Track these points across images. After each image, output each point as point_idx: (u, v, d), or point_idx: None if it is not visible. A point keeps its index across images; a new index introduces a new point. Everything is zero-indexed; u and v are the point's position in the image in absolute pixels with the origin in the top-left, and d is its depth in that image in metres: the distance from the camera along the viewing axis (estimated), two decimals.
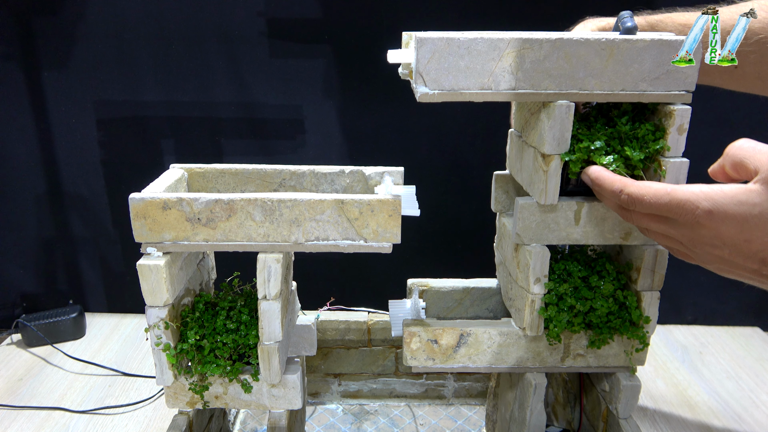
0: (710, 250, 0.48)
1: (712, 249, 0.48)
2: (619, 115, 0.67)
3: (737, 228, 0.46)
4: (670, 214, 0.50)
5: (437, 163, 1.16)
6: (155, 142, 1.15)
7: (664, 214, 0.50)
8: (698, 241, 0.49)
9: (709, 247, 0.48)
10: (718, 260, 0.49)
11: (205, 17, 1.07)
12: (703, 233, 0.48)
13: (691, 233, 0.49)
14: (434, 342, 0.74)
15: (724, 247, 0.47)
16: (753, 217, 0.45)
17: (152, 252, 0.68)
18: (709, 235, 0.47)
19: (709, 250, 0.48)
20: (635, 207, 0.52)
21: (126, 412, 0.99)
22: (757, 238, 0.45)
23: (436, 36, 0.60)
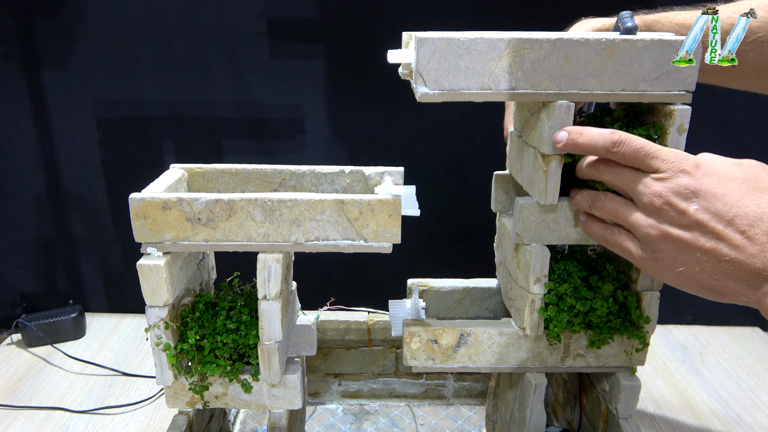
0: (678, 205, 0.46)
1: (683, 202, 0.46)
2: (612, 122, 0.67)
3: (720, 182, 0.46)
4: (658, 157, 0.49)
5: (437, 163, 1.16)
6: (155, 142, 1.15)
7: (650, 161, 0.49)
8: (671, 191, 0.47)
9: (680, 200, 0.46)
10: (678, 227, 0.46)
11: (205, 17, 1.07)
12: (681, 182, 0.47)
13: (665, 184, 0.47)
14: (434, 342, 0.74)
15: (697, 200, 0.46)
16: (737, 178, 0.46)
17: (152, 252, 0.68)
18: (687, 185, 0.46)
19: (677, 205, 0.46)
20: (622, 147, 0.51)
21: (126, 412, 0.99)
22: (735, 194, 0.45)
23: (436, 36, 0.60)
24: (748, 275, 0.44)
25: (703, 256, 0.45)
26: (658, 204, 0.48)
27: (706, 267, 0.45)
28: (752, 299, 0.44)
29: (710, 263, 0.45)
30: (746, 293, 0.44)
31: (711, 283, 0.46)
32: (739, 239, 0.44)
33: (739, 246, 0.44)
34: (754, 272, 0.43)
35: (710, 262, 0.45)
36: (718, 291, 0.46)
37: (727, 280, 0.45)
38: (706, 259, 0.45)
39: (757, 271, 0.43)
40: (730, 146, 1.13)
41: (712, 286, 0.46)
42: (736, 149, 1.13)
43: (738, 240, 0.44)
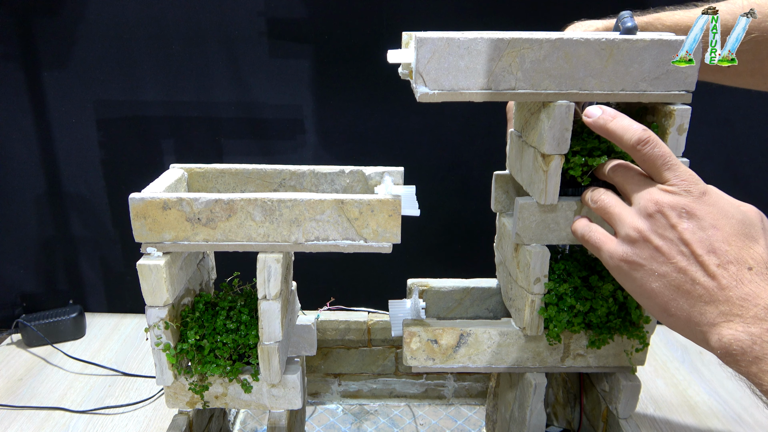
0: (671, 218, 0.46)
1: (676, 218, 0.46)
2: None
3: (717, 215, 0.46)
4: (674, 171, 0.49)
5: (437, 163, 1.16)
6: (155, 142, 1.15)
7: (665, 172, 0.49)
8: (670, 204, 0.47)
9: (674, 215, 0.46)
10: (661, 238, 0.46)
11: (205, 17, 1.07)
12: (683, 200, 0.47)
13: (667, 196, 0.47)
14: (434, 342, 0.74)
15: (690, 221, 0.46)
16: (733, 218, 0.46)
17: (152, 252, 0.68)
18: (686, 205, 0.47)
19: (670, 218, 0.46)
20: (647, 147, 0.51)
21: (126, 412, 0.99)
22: (726, 231, 0.45)
23: (436, 36, 0.60)
24: (707, 306, 0.43)
25: (673, 272, 0.45)
26: (651, 210, 0.48)
27: (671, 284, 0.45)
28: (699, 331, 0.44)
29: (675, 282, 0.45)
30: (698, 322, 0.44)
31: (667, 303, 0.45)
32: (713, 269, 0.44)
33: (711, 275, 0.44)
34: (714, 303, 0.43)
35: (676, 282, 0.45)
36: (670, 313, 0.45)
37: (685, 304, 0.44)
38: (674, 277, 0.45)
39: (717, 305, 0.43)
40: (730, 146, 1.13)
41: (667, 306, 0.45)
42: (736, 149, 1.14)
43: (712, 270, 0.44)
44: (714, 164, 1.14)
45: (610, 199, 0.53)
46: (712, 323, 0.43)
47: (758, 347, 0.40)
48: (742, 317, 0.41)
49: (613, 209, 0.51)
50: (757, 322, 0.41)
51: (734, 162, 1.14)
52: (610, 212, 0.52)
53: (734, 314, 0.42)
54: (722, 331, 0.42)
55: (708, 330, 0.43)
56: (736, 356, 0.41)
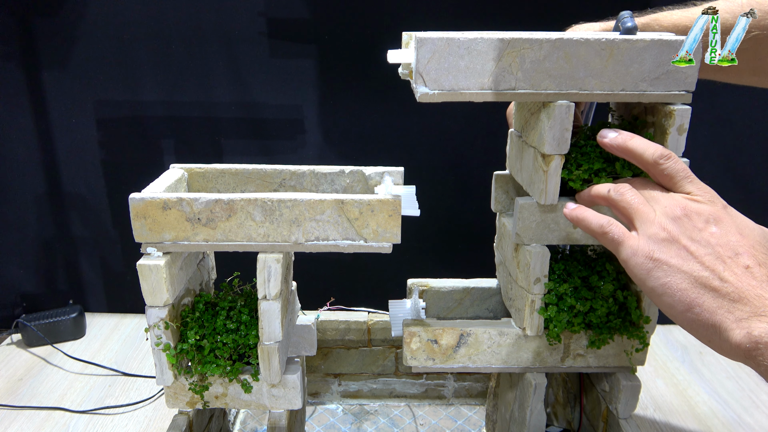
0: (697, 221, 0.47)
1: (702, 222, 0.47)
2: None
3: (740, 226, 0.48)
4: (696, 184, 0.51)
5: (437, 163, 1.16)
6: (155, 142, 1.15)
7: (687, 184, 0.51)
8: (696, 210, 0.48)
9: (700, 219, 0.48)
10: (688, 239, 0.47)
11: (205, 17, 1.07)
12: (707, 208, 0.48)
13: (692, 204, 0.49)
14: (434, 342, 0.74)
15: (717, 226, 0.47)
16: (755, 230, 0.48)
17: (152, 252, 0.68)
18: (712, 212, 0.48)
19: (696, 221, 0.47)
20: (670, 162, 0.52)
21: (126, 412, 0.99)
22: (750, 240, 0.47)
23: (436, 36, 0.60)
24: (736, 303, 0.44)
25: (701, 270, 0.46)
26: (678, 213, 0.49)
27: (698, 282, 0.46)
28: (723, 329, 0.44)
29: (703, 280, 0.45)
30: (723, 319, 0.44)
31: (692, 300, 0.46)
32: (740, 270, 0.45)
33: (739, 274, 0.45)
34: (742, 301, 0.44)
35: (703, 280, 0.45)
36: (694, 311, 0.46)
37: (711, 302, 0.45)
38: (701, 275, 0.46)
39: (746, 302, 0.44)
40: (730, 146, 1.13)
41: (691, 304, 0.46)
42: (736, 149, 1.14)
43: (740, 270, 0.45)
44: (714, 164, 1.14)
45: (636, 195, 0.53)
46: (739, 319, 0.43)
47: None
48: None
49: (639, 206, 0.52)
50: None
51: (734, 162, 1.14)
52: (636, 209, 0.52)
53: (766, 310, 0.42)
54: (752, 325, 0.42)
55: (734, 326, 0.43)
56: (764, 350, 0.41)
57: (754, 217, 1.13)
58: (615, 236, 0.52)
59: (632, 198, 0.53)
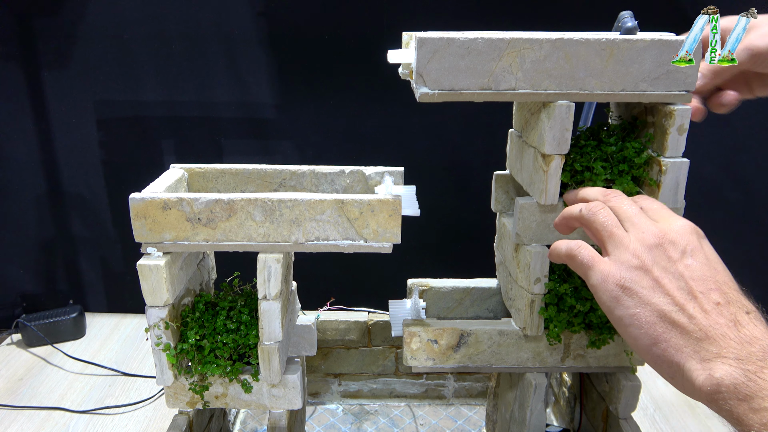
0: (672, 252, 0.46)
1: (677, 253, 0.46)
2: (608, 135, 0.68)
3: (716, 261, 0.47)
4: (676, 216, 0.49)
5: (437, 163, 1.16)
6: (155, 142, 1.15)
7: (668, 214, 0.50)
8: (672, 241, 0.46)
9: (675, 249, 0.46)
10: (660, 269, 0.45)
11: (205, 17, 1.07)
12: (687, 239, 0.46)
13: (670, 234, 0.47)
14: (434, 342, 0.74)
15: (692, 258, 0.45)
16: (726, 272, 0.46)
17: (152, 252, 0.68)
18: (689, 243, 0.46)
19: (670, 252, 0.46)
20: (646, 202, 0.51)
21: (126, 412, 0.99)
22: (722, 276, 0.45)
23: (436, 36, 0.60)
24: (702, 342, 0.42)
25: (669, 305, 0.44)
26: (653, 241, 0.47)
27: (665, 318, 0.44)
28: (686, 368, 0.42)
29: (671, 317, 0.44)
30: (688, 358, 0.42)
31: (658, 336, 0.44)
32: (711, 307, 0.43)
33: (709, 312, 0.43)
34: (709, 341, 0.42)
35: (671, 316, 0.44)
36: (660, 346, 0.44)
37: (677, 339, 0.43)
38: (669, 310, 0.44)
39: (713, 342, 0.42)
40: (730, 146, 1.13)
41: (657, 339, 0.44)
42: (736, 149, 1.14)
43: (710, 308, 0.43)
44: (714, 164, 1.14)
45: (611, 218, 0.50)
46: (704, 359, 0.41)
47: (753, 384, 0.38)
48: (739, 355, 0.40)
49: (613, 229, 0.49)
50: (755, 361, 0.39)
51: (734, 162, 1.14)
52: (609, 231, 0.49)
53: (730, 352, 0.41)
54: (715, 367, 0.40)
55: (698, 367, 0.41)
56: (726, 393, 0.39)
57: (754, 216, 1.13)
58: (584, 260, 0.49)
59: (605, 219, 0.50)
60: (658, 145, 0.65)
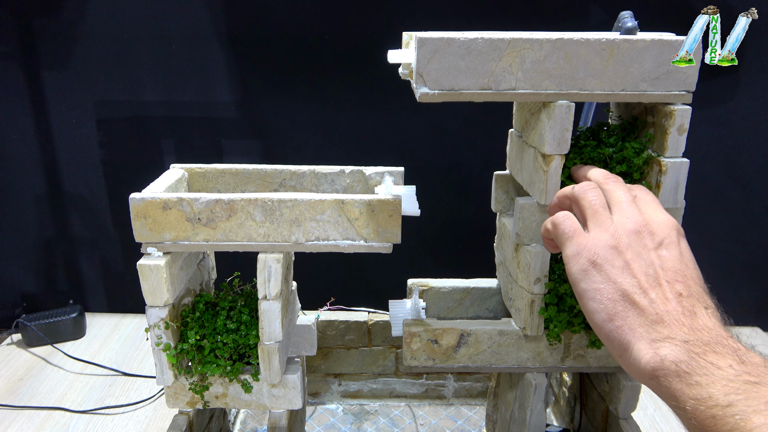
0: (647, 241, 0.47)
1: (653, 242, 0.47)
2: (608, 135, 0.68)
3: (690, 258, 0.48)
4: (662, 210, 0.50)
5: (437, 163, 1.16)
6: (155, 142, 1.15)
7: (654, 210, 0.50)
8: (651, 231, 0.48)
9: (651, 239, 0.47)
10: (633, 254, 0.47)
11: (206, 17, 1.07)
12: (664, 232, 0.48)
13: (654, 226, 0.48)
14: (434, 342, 0.74)
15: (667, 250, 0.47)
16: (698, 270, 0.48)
17: (152, 252, 0.68)
18: (668, 237, 0.48)
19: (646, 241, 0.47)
20: (641, 192, 0.52)
21: (126, 412, 0.99)
22: (694, 273, 0.47)
23: (436, 36, 0.60)
24: (656, 325, 0.43)
25: (633, 288, 0.45)
26: (632, 228, 0.48)
27: (627, 298, 0.45)
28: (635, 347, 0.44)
29: (632, 298, 0.45)
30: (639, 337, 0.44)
31: (616, 313, 0.45)
32: (672, 296, 0.44)
33: (669, 300, 0.44)
34: (663, 324, 0.43)
35: (633, 298, 0.45)
36: (614, 323, 0.45)
37: (633, 319, 0.45)
38: (632, 292, 0.45)
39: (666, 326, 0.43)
40: (730, 146, 1.13)
41: (614, 316, 0.45)
42: (736, 149, 1.14)
43: (671, 296, 0.44)
44: (714, 164, 1.14)
45: (599, 199, 0.52)
46: (654, 340, 0.43)
47: (694, 363, 0.40)
48: (687, 338, 0.42)
49: (598, 209, 0.51)
50: (701, 345, 0.41)
51: (734, 162, 1.14)
52: (594, 210, 0.51)
53: (679, 335, 0.42)
54: (662, 346, 0.42)
55: (646, 346, 0.43)
56: (667, 371, 0.41)
57: (754, 217, 1.14)
58: (566, 230, 0.51)
59: (593, 199, 0.52)
60: (658, 145, 0.65)
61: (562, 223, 0.52)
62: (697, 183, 1.00)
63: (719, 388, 0.38)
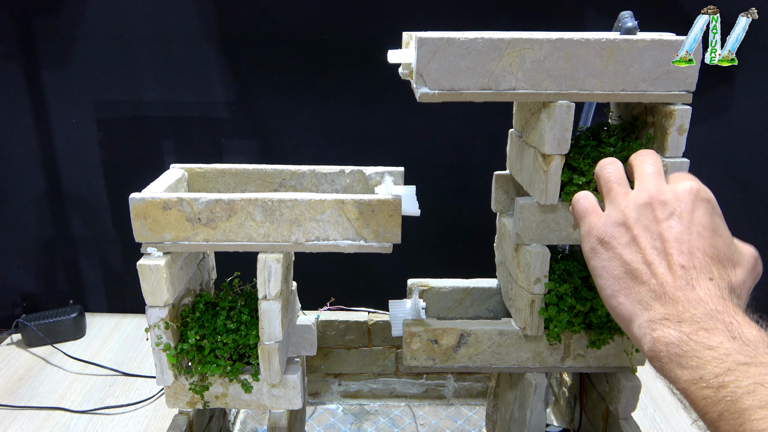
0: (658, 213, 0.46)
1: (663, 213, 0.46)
2: (608, 135, 0.68)
3: (708, 227, 0.46)
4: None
5: (437, 163, 1.16)
6: (155, 142, 1.15)
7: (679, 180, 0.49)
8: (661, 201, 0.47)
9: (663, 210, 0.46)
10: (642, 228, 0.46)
11: (205, 17, 1.07)
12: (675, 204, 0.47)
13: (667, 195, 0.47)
14: (434, 342, 0.74)
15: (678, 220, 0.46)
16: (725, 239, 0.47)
17: (152, 252, 0.68)
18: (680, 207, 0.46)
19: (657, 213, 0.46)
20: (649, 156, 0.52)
21: (126, 412, 0.99)
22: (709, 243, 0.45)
23: (436, 36, 0.60)
24: (655, 301, 0.43)
25: (638, 262, 0.45)
26: (643, 200, 0.48)
27: (632, 273, 0.45)
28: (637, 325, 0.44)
29: (637, 272, 0.45)
30: (640, 315, 0.44)
31: (620, 290, 0.45)
32: (676, 268, 0.44)
33: (672, 272, 0.44)
34: (661, 300, 0.43)
35: (637, 272, 0.45)
36: (619, 300, 0.45)
37: (636, 294, 0.45)
38: (637, 267, 0.45)
39: (664, 302, 0.43)
40: (730, 146, 1.13)
41: (618, 293, 0.46)
42: (736, 149, 1.14)
43: (675, 268, 0.44)
44: (714, 164, 1.14)
45: (616, 173, 0.51)
46: (651, 319, 0.43)
47: (685, 345, 0.40)
48: (681, 317, 0.41)
49: (612, 185, 0.51)
50: (693, 323, 0.41)
51: (734, 162, 1.14)
52: (610, 187, 0.51)
53: (673, 314, 0.42)
54: (657, 327, 0.42)
55: (644, 325, 0.43)
56: (662, 353, 0.41)
57: (754, 216, 1.14)
58: (581, 209, 0.51)
59: (610, 174, 0.51)
60: (658, 145, 0.65)
61: (578, 202, 0.52)
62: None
63: (710, 369, 0.38)
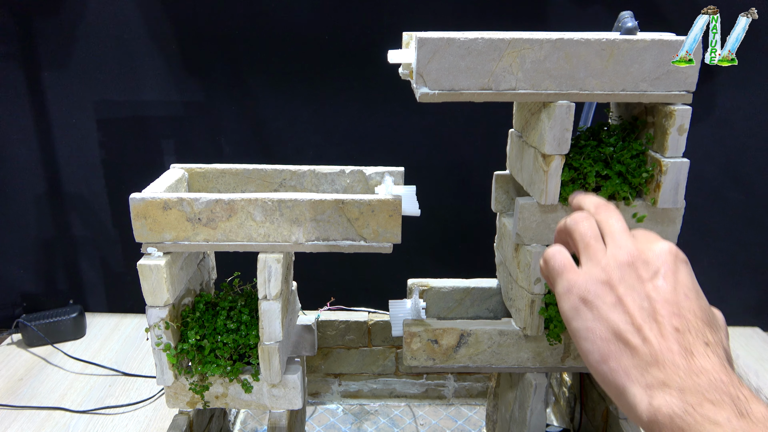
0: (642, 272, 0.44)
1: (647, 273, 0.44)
2: (608, 135, 0.68)
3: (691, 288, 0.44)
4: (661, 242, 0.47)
5: (437, 163, 1.16)
6: (155, 142, 1.15)
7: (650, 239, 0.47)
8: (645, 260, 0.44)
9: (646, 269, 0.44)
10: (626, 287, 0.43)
11: (205, 17, 1.07)
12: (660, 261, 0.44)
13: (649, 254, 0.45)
14: (434, 342, 0.74)
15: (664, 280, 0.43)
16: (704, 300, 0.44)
17: (153, 252, 0.68)
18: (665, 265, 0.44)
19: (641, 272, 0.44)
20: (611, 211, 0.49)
21: (126, 412, 0.99)
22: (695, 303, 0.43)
23: (436, 36, 0.60)
24: (651, 367, 0.40)
25: (626, 325, 0.42)
26: (625, 259, 0.45)
27: (620, 337, 0.42)
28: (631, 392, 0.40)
29: (625, 337, 0.42)
30: (634, 381, 0.40)
31: (609, 354, 0.42)
32: (669, 331, 0.41)
33: (665, 337, 0.41)
34: (657, 366, 0.40)
35: (626, 336, 0.42)
36: (609, 365, 0.42)
37: (627, 360, 0.42)
38: (625, 329, 0.42)
39: (661, 368, 0.40)
40: (730, 146, 1.13)
41: (608, 357, 0.42)
42: (736, 149, 1.14)
43: (667, 332, 0.41)
44: (714, 164, 1.14)
45: (591, 228, 0.48)
46: (649, 385, 0.40)
47: (689, 417, 0.37)
48: (683, 386, 0.39)
49: (590, 241, 0.47)
50: (697, 394, 0.38)
51: (734, 162, 1.14)
52: (587, 242, 0.48)
53: (675, 382, 0.39)
54: (657, 395, 0.39)
55: (641, 392, 0.40)
56: (662, 423, 0.38)
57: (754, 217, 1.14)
58: (556, 266, 0.48)
59: (585, 230, 0.48)
60: (658, 146, 0.65)
61: (552, 258, 0.48)
62: (697, 183, 1.00)
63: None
